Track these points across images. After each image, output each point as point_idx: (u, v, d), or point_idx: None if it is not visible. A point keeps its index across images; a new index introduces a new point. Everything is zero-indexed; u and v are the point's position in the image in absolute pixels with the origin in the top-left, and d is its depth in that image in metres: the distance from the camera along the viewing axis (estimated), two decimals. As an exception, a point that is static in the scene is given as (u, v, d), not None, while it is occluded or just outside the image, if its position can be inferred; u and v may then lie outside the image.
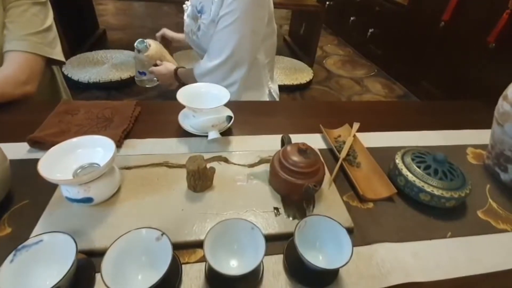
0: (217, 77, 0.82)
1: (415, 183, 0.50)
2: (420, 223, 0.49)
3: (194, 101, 0.59)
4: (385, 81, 2.61)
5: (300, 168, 0.46)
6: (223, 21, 0.76)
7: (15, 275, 0.32)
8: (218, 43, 0.79)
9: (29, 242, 0.34)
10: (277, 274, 0.40)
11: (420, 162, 0.53)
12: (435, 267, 0.43)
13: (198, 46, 0.92)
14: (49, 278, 0.33)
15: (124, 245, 0.35)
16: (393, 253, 0.43)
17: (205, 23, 0.81)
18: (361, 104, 0.98)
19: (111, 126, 0.61)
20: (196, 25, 0.87)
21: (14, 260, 0.33)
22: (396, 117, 0.78)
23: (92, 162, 0.45)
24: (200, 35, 0.85)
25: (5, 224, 0.43)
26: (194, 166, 0.45)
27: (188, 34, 0.93)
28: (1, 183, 0.43)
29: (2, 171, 0.43)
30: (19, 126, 0.59)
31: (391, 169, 0.55)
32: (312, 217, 0.40)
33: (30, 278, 0.33)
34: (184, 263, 0.40)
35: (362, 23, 3.01)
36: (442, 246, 0.46)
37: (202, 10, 0.82)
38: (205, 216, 0.45)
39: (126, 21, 3.37)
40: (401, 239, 0.45)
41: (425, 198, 0.50)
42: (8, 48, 0.70)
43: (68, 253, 0.33)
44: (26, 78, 0.70)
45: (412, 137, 0.70)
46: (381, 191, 0.52)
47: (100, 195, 0.44)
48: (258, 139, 0.64)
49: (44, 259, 0.34)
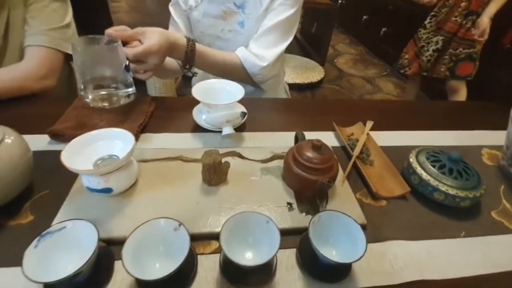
0: (278, 63, 0.80)
1: (430, 182, 0.50)
2: (433, 222, 0.49)
3: (209, 96, 0.60)
4: (398, 81, 2.58)
5: (314, 164, 0.46)
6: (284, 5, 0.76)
7: (39, 260, 0.34)
8: (284, 26, 0.78)
9: (53, 228, 0.36)
10: (290, 267, 0.40)
11: (434, 161, 0.53)
12: (448, 265, 0.43)
13: (236, 43, 0.82)
14: (71, 264, 0.34)
15: (143, 234, 0.36)
16: (406, 251, 0.43)
17: (254, 17, 0.78)
18: (374, 103, 0.98)
19: (127, 121, 0.62)
20: (231, 22, 0.81)
21: (38, 246, 0.34)
22: (409, 116, 0.77)
23: (111, 154, 0.47)
24: (245, 31, 0.80)
25: (28, 212, 0.44)
26: (209, 160, 0.46)
27: (212, 35, 0.84)
28: (24, 173, 0.45)
29: (25, 162, 0.45)
30: (39, 119, 0.61)
31: (405, 168, 0.55)
32: (326, 212, 0.40)
33: (53, 263, 0.35)
34: (199, 254, 0.41)
35: (375, 22, 2.98)
36: (455, 245, 0.46)
37: (243, 5, 0.78)
38: (219, 209, 0.46)
39: (139, 19, 3.42)
40: (414, 237, 0.45)
41: (439, 197, 0.50)
42: (29, 43, 0.72)
43: (89, 241, 0.34)
44: (45, 72, 0.72)
45: (426, 136, 0.69)
46: (394, 189, 0.52)
47: (119, 186, 0.45)
48: (271, 135, 0.64)
49: (67, 245, 0.36)
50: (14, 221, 0.43)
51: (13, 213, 0.44)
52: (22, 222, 0.43)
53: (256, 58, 0.77)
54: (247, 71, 0.78)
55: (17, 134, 0.46)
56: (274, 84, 0.92)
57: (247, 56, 0.77)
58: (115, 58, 0.57)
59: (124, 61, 0.58)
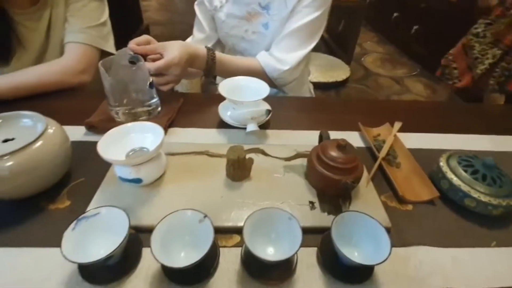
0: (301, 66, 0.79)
1: (460, 188, 0.48)
2: (462, 229, 0.47)
3: (235, 93, 0.61)
4: (428, 82, 2.47)
5: (339, 163, 0.46)
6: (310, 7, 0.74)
7: (75, 242, 0.36)
8: (308, 30, 0.77)
9: (88, 213, 0.38)
10: (311, 266, 0.40)
11: (467, 166, 0.50)
12: (476, 275, 0.41)
13: (260, 45, 0.82)
14: (103, 247, 0.36)
15: (171, 224, 0.37)
16: (432, 257, 0.42)
17: (279, 18, 0.77)
18: (402, 104, 0.95)
19: (157, 115, 0.65)
20: (255, 23, 0.80)
21: (75, 228, 0.37)
22: (440, 118, 0.74)
23: (142, 146, 0.49)
24: (269, 32, 0.80)
25: (65, 197, 0.48)
26: (234, 155, 0.47)
27: (236, 36, 0.85)
28: (63, 161, 0.48)
29: (64, 150, 0.48)
30: (77, 111, 0.64)
31: (434, 172, 0.53)
32: (350, 213, 0.40)
33: (87, 245, 0.37)
34: (221, 246, 0.42)
35: (405, 19, 2.86)
36: (485, 255, 0.44)
37: (268, 6, 0.78)
38: (242, 204, 0.47)
39: (168, 17, 3.52)
40: (441, 244, 0.44)
41: (470, 204, 0.48)
42: (68, 40, 0.77)
43: (121, 227, 0.37)
44: (83, 68, 0.77)
45: (457, 140, 0.66)
46: (421, 193, 0.51)
47: (148, 177, 0.47)
48: (295, 133, 0.64)
49: (100, 230, 0.38)
50: (54, 205, 0.46)
51: (53, 198, 0.47)
52: (60, 206, 0.46)
53: (276, 62, 0.77)
54: (268, 76, 0.78)
55: (58, 125, 0.49)
56: (297, 86, 0.91)
57: (268, 61, 0.77)
58: (140, 76, 0.60)
59: (148, 79, 0.61)
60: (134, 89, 0.61)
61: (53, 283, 0.37)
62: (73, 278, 0.37)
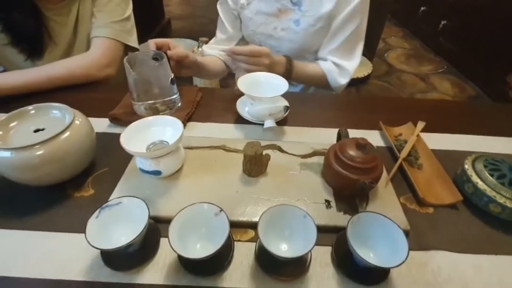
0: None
1: (486, 192, 0.46)
2: (486, 235, 0.45)
3: (253, 89, 0.61)
4: (456, 80, 2.35)
5: (357, 163, 0.45)
6: (354, 19, 0.77)
7: (98, 229, 0.38)
8: (362, 32, 0.81)
9: (111, 202, 0.40)
10: (325, 265, 0.40)
11: (493, 170, 0.48)
12: (498, 284, 0.39)
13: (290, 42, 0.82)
14: (124, 236, 0.37)
15: (188, 216, 0.38)
16: (452, 263, 0.41)
17: (312, 16, 0.76)
18: (427, 103, 0.91)
19: (176, 109, 0.66)
20: (285, 20, 0.80)
21: (99, 216, 0.39)
22: (467, 119, 0.71)
23: (162, 139, 0.50)
24: (300, 29, 0.79)
25: (89, 186, 0.50)
26: (251, 151, 0.48)
27: (263, 33, 0.84)
28: (88, 151, 0.51)
29: (90, 141, 0.51)
30: (101, 104, 0.67)
31: (458, 175, 0.51)
32: (367, 213, 0.39)
33: (109, 233, 0.39)
34: (236, 240, 0.42)
35: (433, 14, 2.73)
36: (508, 263, 0.42)
37: (300, 2, 0.77)
38: (257, 200, 0.47)
39: (189, 11, 3.55)
40: (462, 250, 0.42)
41: (495, 209, 0.46)
42: (94, 34, 0.80)
43: (141, 216, 0.38)
44: (108, 61, 0.79)
45: (484, 142, 0.63)
46: (443, 196, 0.49)
47: (168, 170, 0.49)
48: (313, 131, 0.64)
49: (121, 219, 0.40)
50: (79, 193, 0.49)
51: (78, 186, 0.50)
52: (85, 194, 0.49)
53: (338, 73, 0.82)
54: (329, 83, 0.83)
55: (84, 117, 0.51)
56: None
57: (331, 71, 0.82)
58: (163, 72, 0.62)
59: (170, 75, 0.64)
60: (156, 85, 0.62)
61: (77, 266, 0.39)
62: (95, 263, 0.39)
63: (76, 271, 0.39)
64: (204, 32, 1.73)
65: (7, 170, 0.44)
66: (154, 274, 0.39)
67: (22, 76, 0.70)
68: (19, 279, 0.38)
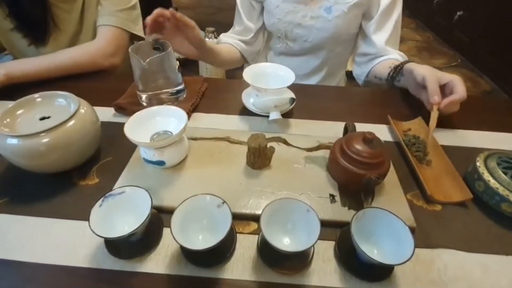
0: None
1: (498, 191, 0.44)
2: (495, 235, 0.44)
3: (259, 80, 0.60)
4: (470, 73, 2.29)
5: (363, 158, 0.44)
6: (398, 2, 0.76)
7: (102, 218, 0.38)
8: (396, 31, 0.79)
9: (114, 192, 0.40)
10: (327, 260, 0.40)
11: (507, 168, 0.46)
12: (508, 285, 0.38)
13: (321, 31, 0.79)
14: (127, 225, 0.38)
15: (190, 207, 0.38)
16: (458, 262, 0.40)
17: (346, 3, 0.74)
18: (438, 97, 0.88)
19: (181, 99, 0.66)
20: (315, 8, 0.77)
21: (102, 205, 0.39)
22: (480, 114, 0.68)
23: (166, 130, 0.50)
24: (332, 17, 0.76)
25: (94, 175, 0.50)
26: (255, 143, 0.47)
27: (290, 22, 0.81)
28: (94, 140, 0.51)
29: (95, 130, 0.51)
30: (106, 93, 0.67)
31: (469, 172, 0.50)
32: (372, 209, 0.38)
33: (113, 222, 0.39)
34: (238, 232, 0.42)
35: (448, 4, 2.63)
36: (519, 265, 0.40)
37: None
38: (261, 192, 0.47)
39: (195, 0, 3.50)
40: (470, 249, 0.41)
41: (507, 209, 0.44)
42: (100, 23, 0.79)
43: (144, 206, 0.38)
44: (113, 50, 0.79)
45: (498, 139, 0.61)
46: (452, 194, 0.48)
47: (171, 160, 0.49)
48: (319, 124, 0.63)
49: (125, 208, 0.40)
50: (84, 182, 0.49)
51: (83, 174, 0.50)
52: (90, 183, 0.49)
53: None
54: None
55: (90, 106, 0.51)
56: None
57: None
58: (168, 63, 0.61)
59: (175, 65, 0.62)
60: (161, 75, 0.62)
61: (81, 253, 0.40)
62: (99, 250, 0.40)
63: (81, 258, 0.39)
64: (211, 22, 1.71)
65: (14, 156, 0.45)
66: (157, 263, 0.39)
67: (31, 64, 0.70)
68: (26, 264, 0.39)
